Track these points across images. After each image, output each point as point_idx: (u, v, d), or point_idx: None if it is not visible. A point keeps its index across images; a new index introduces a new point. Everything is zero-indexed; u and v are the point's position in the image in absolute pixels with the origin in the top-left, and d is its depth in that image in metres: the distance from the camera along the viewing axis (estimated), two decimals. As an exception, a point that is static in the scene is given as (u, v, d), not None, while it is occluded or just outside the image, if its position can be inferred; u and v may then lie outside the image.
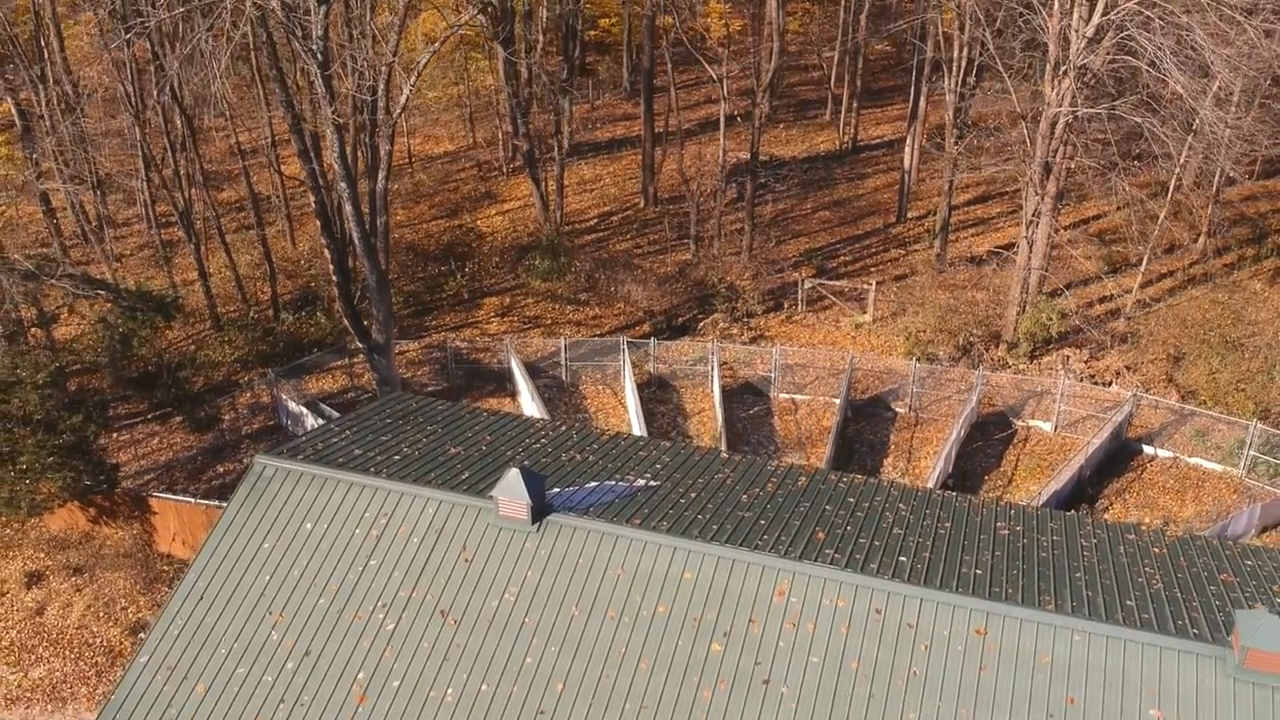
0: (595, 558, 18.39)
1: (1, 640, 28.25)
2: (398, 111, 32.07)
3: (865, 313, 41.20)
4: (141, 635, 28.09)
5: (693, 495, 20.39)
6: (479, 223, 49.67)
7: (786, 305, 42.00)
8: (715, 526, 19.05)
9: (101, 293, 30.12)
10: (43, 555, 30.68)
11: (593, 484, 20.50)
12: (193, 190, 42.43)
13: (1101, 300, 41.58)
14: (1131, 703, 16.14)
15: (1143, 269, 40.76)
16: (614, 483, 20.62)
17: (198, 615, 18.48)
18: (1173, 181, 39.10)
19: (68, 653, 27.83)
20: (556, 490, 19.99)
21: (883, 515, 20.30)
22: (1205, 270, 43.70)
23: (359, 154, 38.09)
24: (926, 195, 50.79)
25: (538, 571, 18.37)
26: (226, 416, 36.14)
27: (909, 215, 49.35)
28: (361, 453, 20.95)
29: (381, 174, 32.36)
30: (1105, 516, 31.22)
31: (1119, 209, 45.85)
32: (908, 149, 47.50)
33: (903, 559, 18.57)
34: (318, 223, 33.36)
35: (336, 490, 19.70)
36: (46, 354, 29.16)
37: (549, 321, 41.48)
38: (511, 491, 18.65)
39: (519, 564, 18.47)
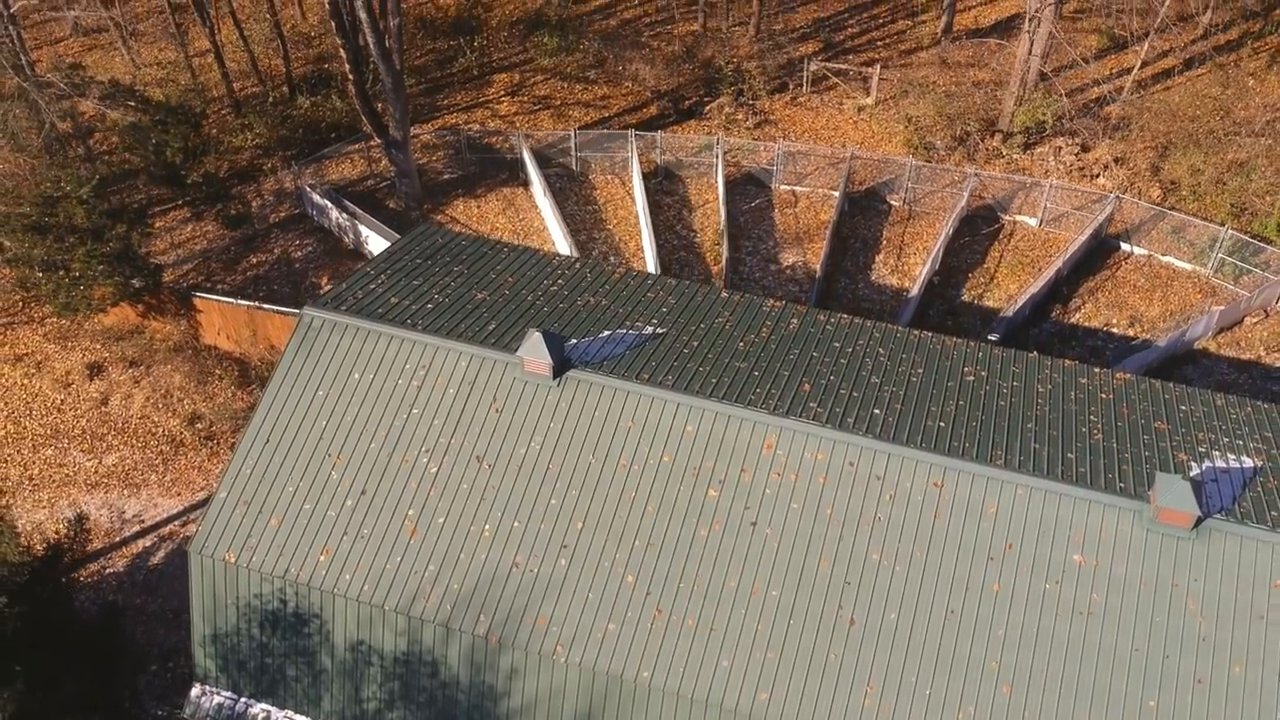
0: (609, 411, 21.11)
1: (74, 429, 31.53)
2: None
3: (869, 96, 42.10)
4: (198, 425, 31.37)
5: (695, 344, 22.86)
6: (485, -16, 49.47)
7: (792, 86, 42.82)
8: (714, 380, 21.64)
9: (131, 104, 31.39)
10: (99, 347, 33.50)
11: (606, 333, 22.92)
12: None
13: (1099, 83, 42.32)
14: (1059, 549, 19.29)
15: (1146, 45, 41.24)
16: (625, 331, 23.04)
17: (265, 456, 21.40)
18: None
19: (134, 441, 31.15)
20: (574, 342, 22.44)
21: (863, 362, 22.84)
22: (1209, 46, 44.06)
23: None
24: (938, -45, 50.18)
25: (559, 422, 21.14)
26: (254, 204, 38.00)
27: (919, -20, 49.01)
28: (398, 301, 23.26)
29: (394, -22, 32.80)
30: (1077, 316, 33.76)
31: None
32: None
33: (876, 411, 21.28)
34: (332, 24, 33.97)
35: (379, 343, 22.17)
36: (87, 166, 30.74)
37: (558, 102, 42.47)
38: (535, 352, 21.14)
39: (543, 416, 21.21)
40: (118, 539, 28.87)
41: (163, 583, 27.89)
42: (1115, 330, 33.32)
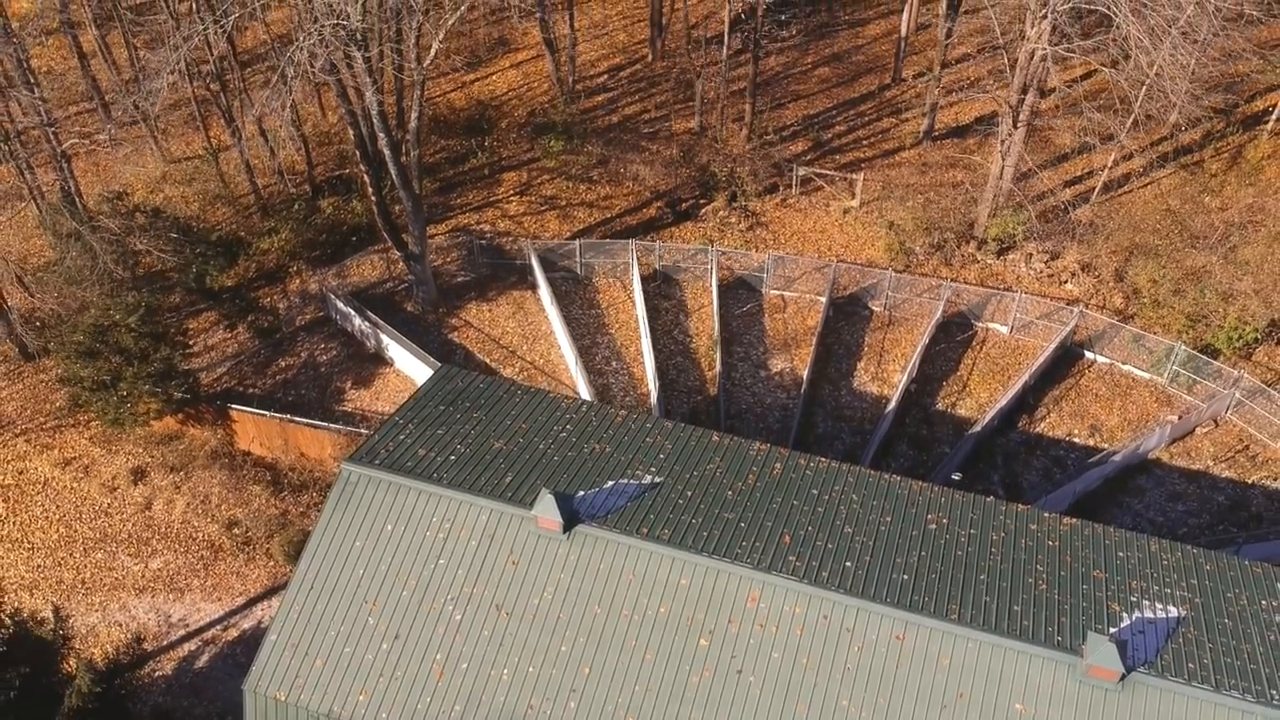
0: (613, 564, 24.01)
1: (120, 533, 34.42)
2: (427, 60, 35.00)
3: (854, 198, 45.00)
4: (235, 530, 34.24)
5: (689, 494, 25.76)
6: (494, 77, 52.38)
7: (782, 188, 45.72)
8: (705, 533, 24.55)
9: (175, 235, 34.30)
10: (142, 451, 36.40)
11: (610, 483, 25.83)
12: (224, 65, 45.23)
13: (1070, 184, 45.22)
14: (1004, 698, 22.20)
15: (1114, 153, 44.13)
16: (627, 481, 25.93)
17: (310, 602, 24.30)
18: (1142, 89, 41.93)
19: (177, 546, 34.04)
20: (582, 494, 25.34)
21: (837, 510, 25.75)
22: (1175, 146, 46.95)
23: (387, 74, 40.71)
24: (923, 48, 53.16)
25: (569, 574, 24.04)
26: (281, 306, 40.91)
27: (904, 75, 51.91)
28: (425, 453, 26.14)
29: (414, 116, 35.70)
30: (1041, 425, 36.68)
31: (1102, 67, 48.59)
32: (905, 15, 49.57)
33: (848, 564, 24.19)
34: (357, 153, 36.88)
35: (409, 497, 25.07)
36: (134, 295, 33.61)
37: (563, 203, 45.37)
38: (547, 510, 24.06)
39: (554, 568, 24.11)
40: (165, 643, 31.75)
41: (208, 685, 30.78)
42: (1077, 440, 36.23)
